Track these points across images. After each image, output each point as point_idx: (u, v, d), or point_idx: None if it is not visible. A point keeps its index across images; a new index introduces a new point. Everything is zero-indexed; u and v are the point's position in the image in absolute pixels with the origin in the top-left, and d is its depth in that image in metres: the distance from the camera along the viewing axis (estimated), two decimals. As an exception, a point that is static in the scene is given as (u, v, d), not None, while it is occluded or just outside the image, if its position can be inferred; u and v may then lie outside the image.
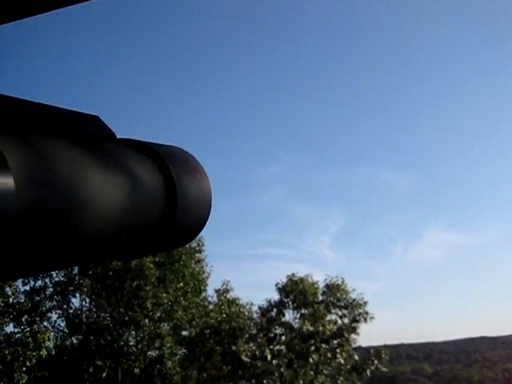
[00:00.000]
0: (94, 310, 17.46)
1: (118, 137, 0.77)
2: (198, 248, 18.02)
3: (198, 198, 0.79)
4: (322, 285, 21.80)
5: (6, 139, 0.53)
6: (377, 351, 22.31)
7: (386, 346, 26.59)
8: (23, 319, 16.31)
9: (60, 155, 0.58)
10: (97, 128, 0.71)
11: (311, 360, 20.03)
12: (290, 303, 21.21)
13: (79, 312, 17.48)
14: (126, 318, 16.84)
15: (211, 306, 19.78)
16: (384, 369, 22.40)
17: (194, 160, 0.83)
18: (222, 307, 19.42)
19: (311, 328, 20.37)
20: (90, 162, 0.61)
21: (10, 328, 15.37)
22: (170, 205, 0.72)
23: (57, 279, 17.15)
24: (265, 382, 19.09)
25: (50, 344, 15.42)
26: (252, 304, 20.66)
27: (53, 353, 16.19)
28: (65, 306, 17.44)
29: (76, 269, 16.83)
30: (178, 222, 0.74)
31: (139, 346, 17.57)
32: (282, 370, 19.90)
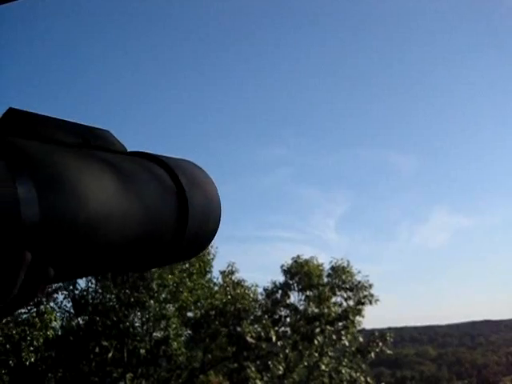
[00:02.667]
0: (100, 291, 17.53)
1: (129, 150, 0.78)
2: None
3: (209, 211, 0.79)
4: (327, 267, 21.85)
5: (27, 151, 0.54)
6: (381, 334, 22.39)
7: (390, 329, 26.71)
8: (30, 300, 16.41)
9: (78, 167, 0.59)
10: (109, 142, 0.71)
11: (316, 342, 20.11)
12: (295, 285, 21.25)
13: (85, 293, 17.57)
14: (132, 300, 16.91)
15: (216, 288, 19.80)
16: (388, 351, 22.49)
17: (204, 173, 0.84)
18: (227, 289, 19.45)
19: (316, 310, 20.44)
20: (106, 174, 0.62)
21: (16, 308, 15.47)
22: (181, 217, 0.73)
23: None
24: (270, 363, 19.20)
25: (57, 324, 15.51)
26: (257, 286, 20.72)
27: (59, 333, 16.29)
28: (71, 287, 17.53)
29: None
30: (189, 234, 0.74)
31: (145, 327, 17.67)
32: (287, 351, 20.01)
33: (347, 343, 21.07)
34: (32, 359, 13.97)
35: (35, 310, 15.42)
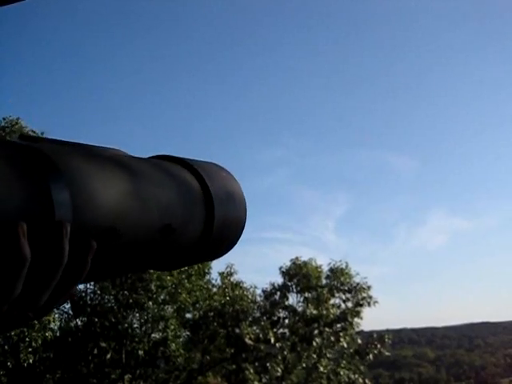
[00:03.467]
0: (99, 292, 17.50)
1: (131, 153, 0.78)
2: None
3: (235, 212, 0.80)
4: (325, 269, 21.81)
5: (59, 154, 0.57)
6: (380, 335, 22.34)
7: (388, 331, 26.68)
8: (28, 301, 16.36)
9: (106, 170, 0.61)
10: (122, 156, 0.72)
11: (314, 343, 20.06)
12: (294, 287, 21.22)
13: (84, 294, 17.53)
14: (131, 301, 16.89)
15: (215, 289, 19.78)
16: (387, 353, 22.45)
17: (229, 175, 0.84)
18: (226, 290, 19.42)
19: (315, 311, 20.39)
20: (133, 177, 0.64)
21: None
22: (208, 218, 0.73)
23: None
24: (268, 364, 19.17)
25: (55, 326, 15.50)
26: (256, 287, 20.70)
27: (58, 334, 16.26)
28: (69, 288, 17.47)
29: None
30: (215, 235, 0.75)
31: (143, 329, 17.65)
32: (286, 353, 19.97)
33: (345, 345, 21.04)
34: (30, 360, 13.97)
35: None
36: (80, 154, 0.61)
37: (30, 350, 13.81)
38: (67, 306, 17.48)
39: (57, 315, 16.33)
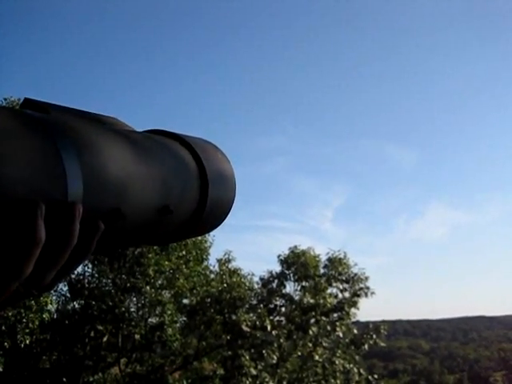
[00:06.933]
0: (97, 275, 17.51)
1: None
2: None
3: (226, 189, 0.80)
4: (323, 258, 21.84)
5: (70, 126, 0.56)
6: (376, 326, 22.42)
7: (384, 322, 26.76)
8: (26, 282, 16.36)
9: (110, 142, 0.61)
10: (120, 124, 0.72)
11: (310, 332, 20.11)
12: (292, 275, 21.24)
13: (81, 277, 17.54)
14: (128, 285, 16.91)
15: (212, 275, 19.83)
16: (382, 344, 22.54)
17: (225, 158, 0.84)
18: (224, 277, 19.47)
19: (312, 300, 20.43)
20: (134, 150, 0.64)
21: (13, 290, 15.44)
22: (202, 193, 0.74)
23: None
24: (264, 351, 19.23)
25: (52, 308, 15.52)
26: (253, 275, 20.74)
27: (55, 316, 16.31)
28: (67, 271, 17.46)
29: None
30: (207, 210, 0.75)
31: (140, 313, 17.68)
32: (282, 340, 20.02)
33: (341, 334, 21.11)
34: (27, 341, 13.99)
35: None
36: (85, 124, 0.60)
37: (27, 331, 13.83)
38: (65, 288, 17.55)
39: (54, 297, 16.37)
